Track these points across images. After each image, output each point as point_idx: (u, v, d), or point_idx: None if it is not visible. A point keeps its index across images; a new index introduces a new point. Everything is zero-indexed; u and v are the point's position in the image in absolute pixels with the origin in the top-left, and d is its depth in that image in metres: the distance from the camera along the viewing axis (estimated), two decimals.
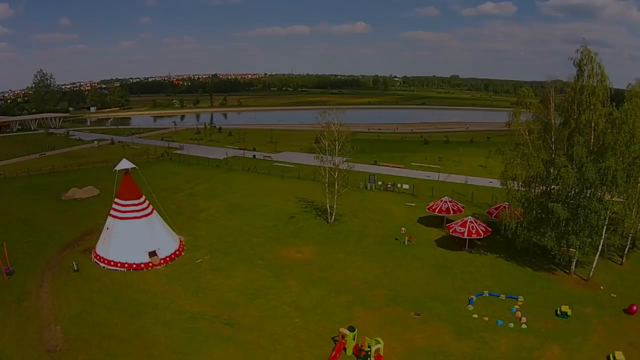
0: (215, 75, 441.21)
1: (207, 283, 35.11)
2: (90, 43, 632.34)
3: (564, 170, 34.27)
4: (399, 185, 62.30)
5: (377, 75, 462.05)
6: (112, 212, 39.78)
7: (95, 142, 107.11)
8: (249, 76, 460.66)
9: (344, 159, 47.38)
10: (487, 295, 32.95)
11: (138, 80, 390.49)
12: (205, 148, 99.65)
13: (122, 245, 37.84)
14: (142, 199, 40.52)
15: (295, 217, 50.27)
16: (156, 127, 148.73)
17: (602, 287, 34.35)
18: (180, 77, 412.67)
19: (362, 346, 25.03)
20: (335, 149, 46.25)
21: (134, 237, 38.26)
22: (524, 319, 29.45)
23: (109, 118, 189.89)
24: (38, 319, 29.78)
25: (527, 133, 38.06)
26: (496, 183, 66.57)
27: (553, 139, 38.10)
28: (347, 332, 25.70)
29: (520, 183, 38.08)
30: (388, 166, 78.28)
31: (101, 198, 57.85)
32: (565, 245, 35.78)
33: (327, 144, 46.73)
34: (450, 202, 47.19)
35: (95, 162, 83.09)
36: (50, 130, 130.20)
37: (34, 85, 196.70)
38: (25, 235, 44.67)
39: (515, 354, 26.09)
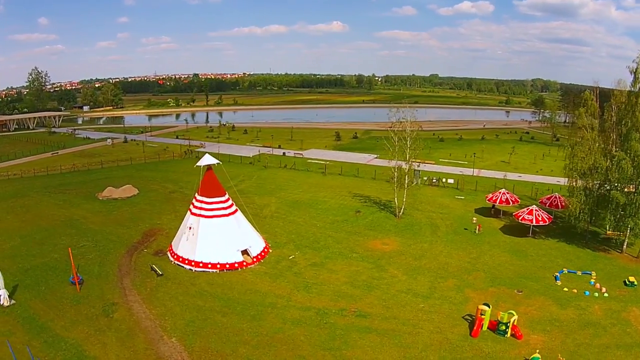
0: (196, 75, 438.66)
1: (314, 278, 35.17)
2: (68, 43, 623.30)
3: (624, 162, 39.06)
4: (443, 180, 64.78)
5: (360, 75, 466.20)
6: (194, 210, 38.17)
7: (109, 140, 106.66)
8: (228, 76, 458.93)
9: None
10: (567, 272, 37.09)
11: (117, 80, 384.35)
12: (227, 146, 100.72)
13: (211, 245, 36.47)
14: (226, 196, 39.24)
15: (360, 211, 51.93)
16: (167, 125, 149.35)
17: None
18: (159, 77, 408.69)
19: (499, 319, 27.73)
20: (407, 145, 47.98)
21: (225, 235, 37.10)
22: (603, 289, 33.90)
23: (102, 117, 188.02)
24: (143, 333, 27.31)
25: (590, 130, 42.53)
26: (525, 177, 70.68)
27: (607, 136, 43.37)
28: (486, 308, 28.07)
29: (580, 174, 42.69)
30: (419, 162, 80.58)
31: (143, 197, 57.62)
32: (623, 227, 40.94)
33: (396, 140, 48.41)
34: (508, 193, 50.61)
35: (118, 160, 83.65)
36: (52, 130, 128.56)
37: (28, 83, 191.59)
38: (76, 239, 42.03)
39: (608, 316, 30.44)
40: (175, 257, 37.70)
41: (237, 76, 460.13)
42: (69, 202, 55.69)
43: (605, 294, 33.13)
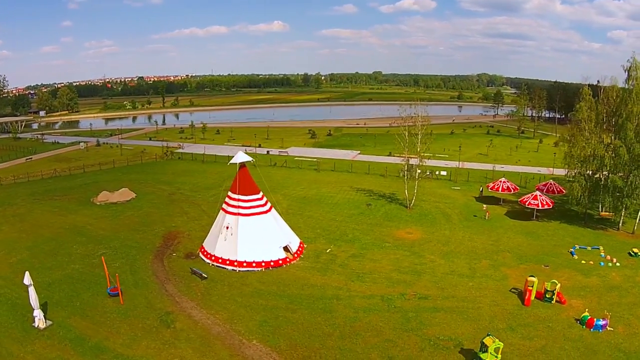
0: (141, 78, 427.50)
1: (361, 268, 36.25)
2: (12, 49, 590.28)
3: (621, 149, 44.07)
4: (437, 173, 68.56)
5: (306, 74, 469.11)
6: (230, 209, 37.68)
7: (82, 144, 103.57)
8: (172, 78, 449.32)
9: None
10: (579, 248, 41.48)
11: (62, 84, 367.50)
12: (206, 146, 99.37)
13: (253, 244, 36.22)
14: (261, 194, 39.14)
15: (371, 204, 54.46)
16: (131, 128, 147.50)
17: None
18: (107, 81, 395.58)
19: (545, 288, 31.31)
20: (418, 140, 50.82)
21: (266, 233, 37.06)
22: (614, 260, 38.49)
23: (58, 122, 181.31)
24: (218, 340, 26.19)
25: (588, 122, 47.67)
26: (508, 168, 75.98)
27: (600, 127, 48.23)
28: (534, 279, 31.65)
29: (580, 161, 47.62)
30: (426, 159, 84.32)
31: (143, 200, 56.33)
32: (620, 206, 45.95)
33: (406, 135, 51.20)
34: (508, 182, 55.02)
35: (100, 163, 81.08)
36: (17, 135, 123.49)
37: None
38: (91, 248, 40.25)
39: (625, 279, 35.09)
40: (213, 258, 36.97)
41: (180, 78, 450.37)
42: (64, 208, 53.30)
43: (617, 264, 37.72)
